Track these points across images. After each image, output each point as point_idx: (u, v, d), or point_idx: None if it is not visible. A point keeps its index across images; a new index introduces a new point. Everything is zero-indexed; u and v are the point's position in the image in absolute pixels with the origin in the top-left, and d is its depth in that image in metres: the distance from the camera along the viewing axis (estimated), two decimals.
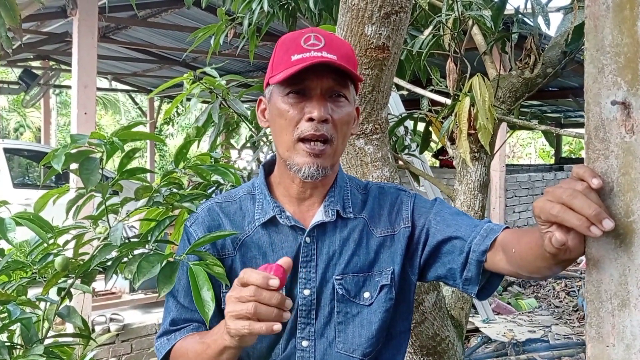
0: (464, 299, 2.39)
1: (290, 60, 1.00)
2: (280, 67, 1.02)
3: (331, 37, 1.04)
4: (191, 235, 1.10)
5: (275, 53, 1.06)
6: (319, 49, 1.00)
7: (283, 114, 1.02)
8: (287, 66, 1.01)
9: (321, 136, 1.00)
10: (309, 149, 1.00)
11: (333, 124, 1.02)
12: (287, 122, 1.02)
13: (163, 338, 1.10)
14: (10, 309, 1.00)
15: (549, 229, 0.74)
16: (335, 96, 1.03)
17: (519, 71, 2.26)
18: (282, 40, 1.07)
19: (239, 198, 1.13)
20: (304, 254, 1.06)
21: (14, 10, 1.58)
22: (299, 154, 1.02)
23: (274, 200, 1.09)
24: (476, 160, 2.24)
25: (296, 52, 1.01)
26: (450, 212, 1.09)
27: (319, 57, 0.99)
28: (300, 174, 1.02)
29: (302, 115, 1.01)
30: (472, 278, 1.03)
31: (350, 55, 1.05)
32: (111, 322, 4.41)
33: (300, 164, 1.01)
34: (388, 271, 1.08)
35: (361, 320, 1.06)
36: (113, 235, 1.17)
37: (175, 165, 1.32)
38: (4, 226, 1.01)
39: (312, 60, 0.98)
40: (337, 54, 1.01)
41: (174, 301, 1.10)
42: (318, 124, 1.00)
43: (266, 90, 1.10)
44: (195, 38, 2.83)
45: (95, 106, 4.21)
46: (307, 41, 1.01)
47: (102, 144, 1.04)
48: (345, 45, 1.06)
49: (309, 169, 1.01)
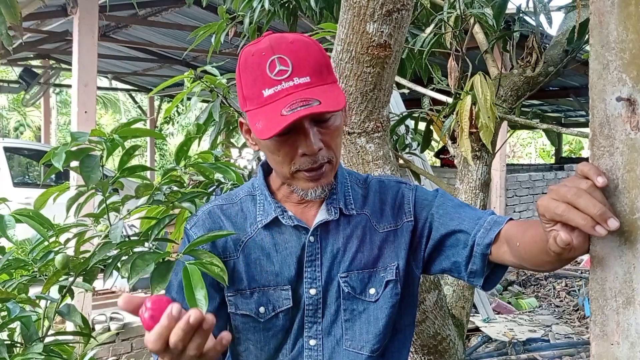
0: (464, 298, 2.38)
1: (263, 96, 0.93)
2: (252, 103, 0.95)
3: (296, 54, 0.94)
4: (191, 237, 1.08)
5: (242, 80, 0.97)
6: (289, 77, 0.92)
7: (273, 151, 0.98)
8: (259, 104, 0.93)
9: (319, 165, 0.98)
10: (310, 176, 0.98)
11: (327, 146, 0.98)
12: (280, 159, 0.98)
13: None
14: (9, 307, 1.00)
15: (553, 227, 0.74)
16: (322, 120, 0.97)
17: (520, 70, 2.26)
18: (243, 65, 0.97)
19: (240, 199, 1.12)
20: (309, 254, 1.05)
21: (14, 8, 1.58)
22: (300, 180, 1.00)
23: (275, 200, 1.08)
24: (477, 159, 2.23)
25: (266, 85, 0.93)
26: (453, 205, 1.09)
27: (291, 91, 0.92)
28: (307, 197, 1.01)
29: (295, 151, 0.96)
30: (477, 271, 1.03)
31: (322, 63, 0.96)
32: (111, 321, 4.40)
33: (305, 189, 1.00)
34: (393, 266, 1.07)
35: (368, 317, 1.06)
36: (113, 233, 1.17)
37: (177, 162, 1.31)
38: (4, 223, 1.00)
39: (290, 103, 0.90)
40: (308, 72, 0.93)
41: None
42: (313, 157, 0.96)
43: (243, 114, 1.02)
44: (196, 37, 2.82)
45: (96, 105, 4.20)
46: (273, 69, 0.92)
47: (102, 141, 1.03)
48: (311, 54, 0.96)
49: (315, 192, 1.00)
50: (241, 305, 1.06)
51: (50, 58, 9.74)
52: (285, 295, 1.05)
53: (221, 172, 1.34)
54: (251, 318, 1.06)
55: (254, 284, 1.06)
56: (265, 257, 1.06)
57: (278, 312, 1.05)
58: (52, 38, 7.16)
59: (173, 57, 9.17)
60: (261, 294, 1.06)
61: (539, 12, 2.05)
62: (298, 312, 1.06)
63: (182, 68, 9.40)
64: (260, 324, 1.06)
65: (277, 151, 0.97)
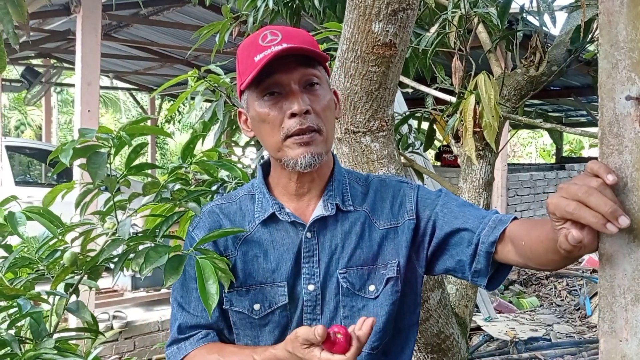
0: (467, 297, 2.39)
1: (254, 61, 1.00)
2: (246, 72, 1.02)
3: (288, 30, 1.04)
4: (193, 240, 1.10)
5: (239, 61, 1.06)
6: (278, 42, 1.00)
7: (264, 118, 1.02)
8: (252, 68, 1.00)
9: (308, 128, 1.00)
10: (299, 140, 1.00)
11: (316, 114, 1.01)
12: (270, 125, 1.02)
13: (173, 347, 1.10)
14: (20, 303, 1.00)
15: (563, 225, 0.74)
16: (309, 86, 1.02)
17: (524, 69, 2.26)
18: (241, 47, 1.06)
19: (239, 199, 1.14)
20: (306, 249, 1.06)
21: (21, 7, 1.58)
22: (290, 148, 1.01)
23: (273, 197, 1.09)
24: (481, 158, 2.24)
25: (257, 52, 1.00)
26: (457, 204, 1.09)
27: (280, 49, 0.98)
28: (298, 166, 1.02)
29: (283, 114, 1.01)
30: (481, 270, 1.03)
31: (311, 41, 1.06)
32: (114, 319, 4.41)
33: (295, 157, 1.01)
34: (393, 264, 1.07)
35: (367, 314, 1.06)
36: (121, 229, 1.17)
37: (182, 160, 1.32)
38: (14, 220, 1.01)
39: (273, 53, 0.98)
40: (297, 42, 1.01)
41: (178, 307, 1.11)
42: (301, 118, 0.99)
43: (242, 100, 1.09)
44: (199, 36, 2.83)
45: (99, 104, 4.21)
46: (265, 39, 1.01)
47: (110, 138, 1.04)
48: (302, 33, 1.06)
49: (305, 158, 1.01)
50: (235, 302, 1.07)
51: (52, 57, 9.74)
52: (281, 292, 1.06)
53: (227, 170, 1.35)
54: (245, 315, 1.07)
55: (250, 280, 1.07)
56: (262, 254, 1.07)
57: (274, 309, 1.06)
58: (54, 37, 7.16)
59: (174, 56, 9.17)
60: (257, 290, 1.06)
61: (542, 12, 2.06)
62: (296, 308, 1.06)
63: (183, 67, 9.40)
64: (256, 320, 1.07)
65: (267, 116, 1.01)
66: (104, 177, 0.99)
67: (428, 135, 2.68)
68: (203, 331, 1.08)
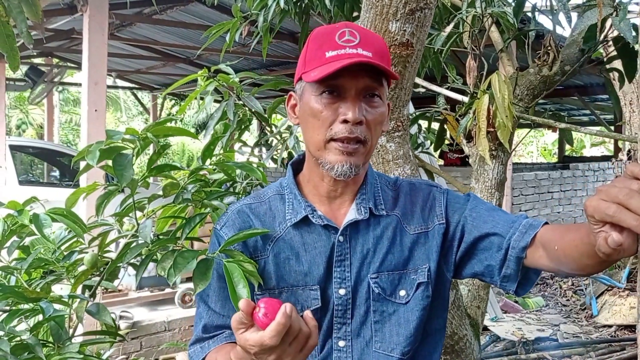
0: (480, 297, 2.38)
1: (325, 57, 0.98)
2: (313, 63, 1.00)
3: (366, 33, 1.02)
4: (221, 238, 1.08)
5: (308, 47, 1.03)
6: (354, 46, 0.98)
7: (316, 114, 1.00)
8: (321, 63, 0.98)
9: (355, 138, 0.99)
10: (342, 148, 0.99)
11: (367, 125, 1.00)
12: (320, 122, 1.00)
13: (196, 346, 1.09)
14: (43, 307, 0.99)
15: (602, 228, 0.73)
16: (369, 96, 1.01)
17: (537, 69, 2.25)
18: (315, 34, 1.04)
19: (268, 198, 1.12)
20: (338, 253, 1.05)
21: (36, 6, 1.57)
22: (331, 152, 1.00)
23: (304, 199, 1.07)
24: (494, 158, 2.23)
25: (330, 48, 0.98)
26: (486, 208, 1.08)
27: (355, 55, 0.97)
28: (333, 172, 1.01)
29: (335, 116, 0.99)
30: (510, 275, 1.02)
31: (385, 52, 1.03)
32: (121, 319, 4.40)
33: (333, 162, 1.00)
34: (424, 269, 1.06)
35: (398, 319, 1.05)
36: (142, 232, 1.16)
37: (202, 162, 1.31)
38: (40, 222, 1.00)
39: (349, 59, 0.96)
40: (372, 50, 0.99)
41: (205, 307, 1.09)
42: (352, 126, 0.98)
43: (297, 85, 1.07)
44: (206, 36, 2.81)
45: (106, 103, 4.20)
46: (342, 37, 0.99)
47: (135, 139, 1.03)
48: (379, 40, 1.03)
49: (342, 167, 0.99)
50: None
51: (54, 56, 9.73)
52: (314, 295, 1.05)
53: (247, 171, 1.34)
54: None
55: (282, 283, 1.05)
56: (294, 256, 1.06)
57: None
58: (58, 36, 7.14)
59: (177, 55, 9.16)
60: (290, 293, 1.05)
61: (557, 11, 2.05)
62: (327, 312, 1.05)
63: (186, 66, 9.40)
64: None
65: (319, 113, 1.00)
66: (130, 178, 0.98)
67: (439, 135, 2.67)
68: (227, 331, 1.07)
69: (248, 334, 0.83)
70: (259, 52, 7.53)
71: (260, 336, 0.81)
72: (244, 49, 6.90)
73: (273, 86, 2.13)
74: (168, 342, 4.37)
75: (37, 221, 1.00)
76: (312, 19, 2.95)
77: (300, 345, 0.85)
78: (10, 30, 1.61)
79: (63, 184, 8.09)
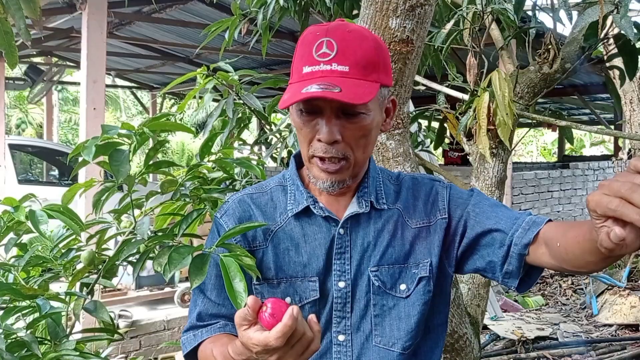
0: (480, 296, 2.37)
1: (302, 72, 0.96)
2: (294, 76, 0.98)
3: (346, 42, 0.94)
4: (221, 226, 1.08)
5: (295, 54, 1.01)
6: (329, 60, 0.93)
7: (299, 129, 1.00)
8: (298, 79, 0.96)
9: (331, 158, 0.97)
10: (321, 166, 0.99)
11: (346, 142, 0.97)
12: (302, 137, 1.00)
13: (189, 333, 1.08)
14: (40, 304, 0.98)
15: (604, 223, 0.72)
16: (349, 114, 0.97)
17: (537, 66, 2.24)
18: (300, 40, 1.01)
19: (270, 189, 1.12)
20: (338, 246, 1.04)
21: (34, 3, 1.56)
22: (315, 167, 1.00)
23: (307, 190, 1.07)
24: (494, 156, 2.22)
25: (307, 62, 0.95)
26: (489, 204, 1.07)
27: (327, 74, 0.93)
28: (318, 186, 1.02)
29: (314, 133, 0.98)
30: (512, 271, 1.01)
31: (369, 56, 0.96)
32: (120, 318, 4.39)
33: (317, 177, 1.01)
34: (425, 263, 1.06)
35: (398, 313, 1.04)
36: (140, 229, 1.16)
37: (201, 158, 1.30)
38: (36, 218, 0.99)
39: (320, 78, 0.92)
40: (351, 62, 0.94)
41: (200, 294, 1.08)
42: (327, 146, 0.96)
43: None
44: (205, 34, 2.80)
45: (105, 102, 4.19)
46: (319, 49, 0.94)
47: (131, 135, 1.02)
48: (362, 46, 0.95)
49: (324, 183, 1.00)
50: (267, 295, 1.05)
51: (53, 55, 9.72)
52: (313, 287, 1.04)
53: (246, 168, 1.33)
54: None
55: (281, 274, 1.05)
56: (294, 247, 1.05)
57: (304, 304, 1.04)
58: (57, 35, 7.13)
59: (176, 54, 9.15)
60: (288, 284, 1.05)
61: (558, 8, 2.04)
62: (326, 305, 1.04)
63: (184, 65, 9.38)
64: None
65: (299, 129, 1.00)
66: (127, 174, 0.97)
67: (439, 133, 2.66)
68: (222, 321, 1.06)
69: (252, 332, 0.82)
70: (258, 51, 7.51)
71: (265, 337, 0.81)
72: (243, 47, 6.89)
73: (272, 84, 2.12)
74: (167, 341, 4.37)
75: (33, 217, 0.99)
76: (312, 17, 2.94)
77: (302, 349, 0.84)
78: (8, 27, 1.60)
79: (62, 183, 8.09)
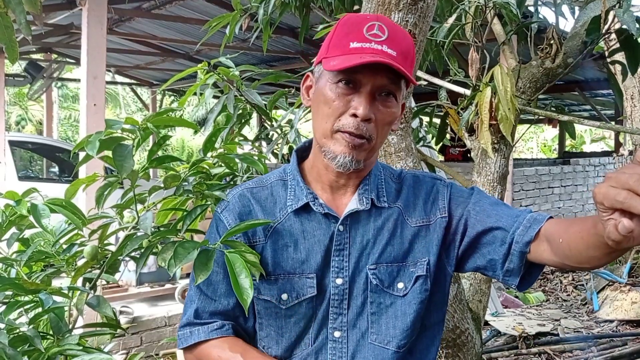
0: (481, 291, 2.37)
1: (349, 47, 0.97)
2: (336, 50, 0.99)
3: (396, 30, 0.99)
4: (222, 222, 1.08)
5: (335, 32, 1.02)
6: (381, 42, 0.96)
7: (328, 101, 0.99)
8: (343, 52, 0.97)
9: (359, 135, 0.98)
10: (348, 139, 0.98)
11: (375, 124, 0.99)
12: (330, 111, 0.99)
13: (186, 329, 1.08)
14: (42, 298, 0.98)
15: (612, 216, 0.71)
16: (384, 94, 0.99)
17: (539, 61, 2.23)
18: (344, 20, 1.02)
19: (270, 184, 1.11)
20: (337, 243, 1.04)
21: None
22: (337, 142, 0.99)
23: (307, 186, 1.07)
24: (496, 152, 2.22)
25: (356, 39, 0.97)
26: (490, 202, 1.07)
27: (379, 52, 0.95)
28: (334, 162, 1.00)
29: (346, 108, 0.98)
30: (513, 269, 1.01)
31: (411, 52, 1.01)
32: (121, 314, 4.40)
33: (337, 152, 0.99)
34: (423, 262, 1.05)
35: (395, 311, 1.04)
36: (143, 224, 1.15)
37: (204, 153, 1.30)
38: (38, 212, 0.99)
39: (372, 54, 0.94)
40: (398, 50, 0.97)
41: (196, 289, 1.08)
42: (360, 122, 0.97)
43: (316, 67, 1.06)
44: (205, 30, 2.79)
45: (105, 98, 4.18)
46: (371, 30, 0.97)
47: (135, 129, 1.01)
48: (407, 39, 1.01)
49: (344, 158, 0.99)
50: (264, 291, 1.05)
51: (53, 52, 9.70)
52: (310, 284, 1.04)
53: (249, 163, 1.32)
54: (272, 304, 1.05)
55: (279, 270, 1.05)
56: (292, 243, 1.05)
57: (301, 300, 1.04)
58: (57, 31, 7.11)
59: (176, 50, 9.13)
60: (285, 280, 1.05)
61: (560, 3, 2.03)
62: (323, 301, 1.04)
63: (184, 62, 9.36)
64: (282, 310, 1.05)
65: (331, 102, 0.99)
66: (131, 169, 0.97)
67: (440, 129, 2.66)
68: (219, 322, 1.06)
69: None
70: (259, 48, 7.50)
71: None
72: (244, 44, 6.87)
73: (274, 79, 2.12)
74: (168, 337, 4.37)
75: (35, 211, 0.99)
76: (313, 12, 2.93)
77: None
78: (9, 21, 1.60)
79: (62, 179, 8.08)
